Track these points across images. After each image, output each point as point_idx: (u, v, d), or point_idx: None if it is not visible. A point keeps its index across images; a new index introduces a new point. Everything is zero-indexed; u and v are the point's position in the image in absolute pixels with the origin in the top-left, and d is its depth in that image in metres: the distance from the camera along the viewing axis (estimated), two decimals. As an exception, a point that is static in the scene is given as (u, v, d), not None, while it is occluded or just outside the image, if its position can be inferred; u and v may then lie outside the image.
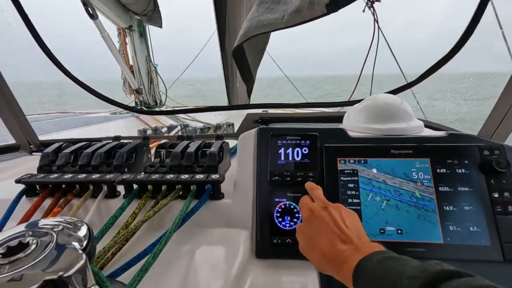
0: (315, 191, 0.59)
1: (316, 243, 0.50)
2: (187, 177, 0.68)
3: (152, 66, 4.18)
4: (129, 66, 4.06)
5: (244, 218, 0.67)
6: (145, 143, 0.96)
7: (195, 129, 2.08)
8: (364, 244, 0.46)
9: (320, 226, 0.51)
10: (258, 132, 0.72)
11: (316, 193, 0.59)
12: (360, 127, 0.75)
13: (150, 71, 4.20)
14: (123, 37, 3.99)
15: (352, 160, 0.67)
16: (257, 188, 0.68)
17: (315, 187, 0.61)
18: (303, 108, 1.11)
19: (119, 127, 2.69)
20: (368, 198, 0.63)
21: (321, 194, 0.58)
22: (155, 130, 1.93)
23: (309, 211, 0.55)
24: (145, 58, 4.17)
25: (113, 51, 3.42)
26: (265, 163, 0.69)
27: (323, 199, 0.56)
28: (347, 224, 0.50)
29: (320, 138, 0.70)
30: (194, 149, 0.82)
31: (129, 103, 4.10)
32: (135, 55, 4.02)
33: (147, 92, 4.24)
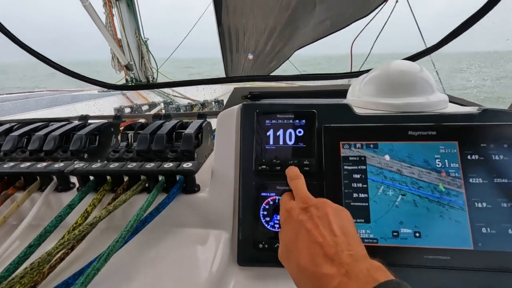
0: (295, 182, 0.47)
1: (293, 256, 0.38)
2: (153, 166, 0.55)
3: (142, 40, 3.93)
4: (117, 40, 3.80)
5: (224, 216, 0.54)
6: (114, 123, 0.81)
7: (178, 107, 1.91)
8: (358, 263, 0.32)
9: (298, 234, 0.38)
10: (241, 109, 0.58)
11: (296, 185, 0.46)
12: (369, 102, 0.61)
13: (140, 46, 3.94)
14: (109, 8, 3.71)
15: (358, 144, 0.53)
16: (240, 180, 0.54)
17: (295, 176, 0.48)
18: (301, 81, 0.95)
19: (100, 105, 2.48)
20: (378, 192, 0.50)
21: (302, 185, 0.46)
22: (134, 108, 1.76)
23: (286, 213, 0.43)
24: (135, 31, 3.91)
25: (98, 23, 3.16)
26: (250, 149, 0.55)
27: (303, 195, 0.43)
28: (334, 228, 0.37)
29: (319, 116, 0.55)
30: (166, 130, 0.68)
31: (119, 80, 3.89)
32: (123, 28, 3.75)
33: (138, 68, 4.02)
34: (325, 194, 0.51)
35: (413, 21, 2.75)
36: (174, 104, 2.14)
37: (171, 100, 2.44)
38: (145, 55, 4.01)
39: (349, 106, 0.56)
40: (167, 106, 2.15)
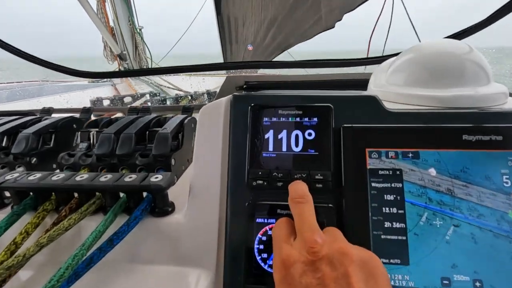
0: (299, 208, 0.31)
1: None
2: (109, 179, 0.40)
3: (136, 29, 3.73)
4: (109, 28, 3.61)
5: (205, 249, 0.40)
6: (79, 118, 0.66)
7: (163, 99, 1.74)
8: None
9: None
10: (231, 101, 0.43)
11: (300, 212, 0.31)
12: (401, 94, 0.46)
13: (134, 34, 3.75)
14: (100, -6, 3.51)
15: (392, 152, 0.38)
16: (228, 199, 0.40)
17: (300, 198, 0.32)
18: (308, 67, 0.80)
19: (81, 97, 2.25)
20: (420, 221, 0.36)
21: (309, 214, 0.31)
22: (115, 100, 1.59)
23: (282, 266, 0.28)
24: (128, 19, 3.71)
25: (88, 9, 2.97)
26: (242, 157, 0.40)
27: (309, 233, 0.28)
28: None
29: (336, 112, 0.40)
30: (137, 128, 0.53)
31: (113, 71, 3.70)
32: (115, 16, 3.56)
33: (131, 58, 3.83)
34: (344, 223, 0.37)
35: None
36: (158, 96, 1.96)
37: (158, 92, 2.26)
38: (139, 44, 3.82)
39: (377, 99, 0.41)
40: (152, 98, 1.98)
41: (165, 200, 0.42)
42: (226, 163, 0.41)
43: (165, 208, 0.42)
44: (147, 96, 1.91)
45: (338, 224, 0.37)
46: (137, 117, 0.59)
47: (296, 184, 0.35)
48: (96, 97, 1.54)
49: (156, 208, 0.42)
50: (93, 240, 0.35)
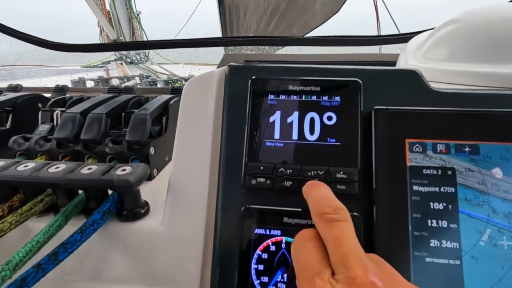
0: (338, 229, 0.21)
1: None
2: (58, 171, 0.30)
3: (134, 14, 3.58)
4: (105, 12, 3.46)
5: (186, 266, 0.30)
6: (46, 97, 0.56)
7: (154, 81, 1.62)
8: None
9: None
10: (226, 74, 0.33)
11: (340, 237, 0.21)
12: (444, 71, 0.36)
13: (131, 19, 3.61)
14: (97, -24, 3.35)
15: (442, 144, 0.28)
16: (219, 202, 0.30)
17: (338, 214, 0.22)
18: (316, 45, 0.68)
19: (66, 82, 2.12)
20: (480, 241, 0.26)
21: (354, 242, 0.21)
22: (99, 81, 1.47)
23: None
24: (125, 3, 3.56)
25: (82, -10, 2.83)
26: (238, 146, 0.30)
27: (363, 277, 0.18)
28: None
29: (366, 90, 0.30)
30: (110, 108, 0.43)
31: (107, 57, 3.56)
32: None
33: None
34: (375, 239, 0.27)
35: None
36: (150, 78, 1.84)
37: (150, 75, 2.14)
38: (137, 30, 3.67)
39: (419, 74, 0.31)
40: (142, 80, 1.85)
41: (136, 199, 0.32)
42: (217, 154, 0.31)
43: (136, 210, 0.32)
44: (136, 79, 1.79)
45: (366, 240, 0.27)
46: (113, 96, 0.49)
47: (318, 187, 0.25)
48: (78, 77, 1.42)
49: (124, 210, 0.32)
50: (25, 255, 0.25)
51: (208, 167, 0.31)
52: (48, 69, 2.88)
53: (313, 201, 0.23)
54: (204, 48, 1.01)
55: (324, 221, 0.21)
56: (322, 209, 0.22)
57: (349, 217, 0.22)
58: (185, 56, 2.89)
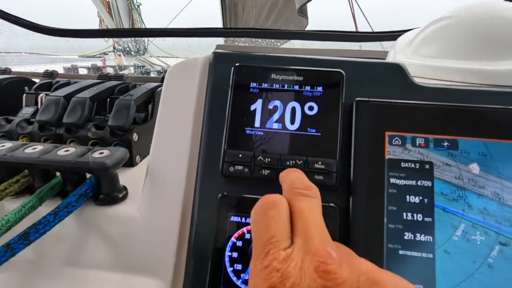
0: (306, 202, 0.20)
1: None
2: (35, 152, 0.30)
3: (134, 5, 3.55)
4: (105, 2, 3.42)
5: (160, 252, 0.30)
6: (32, 81, 0.55)
7: (148, 71, 1.61)
8: None
9: None
10: (210, 60, 0.33)
11: (306, 210, 0.20)
12: (432, 67, 0.35)
13: (131, 11, 3.57)
14: (97, -35, 3.31)
15: (421, 138, 0.28)
16: (196, 188, 0.30)
17: (308, 191, 0.21)
18: (312, 39, 0.68)
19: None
20: (454, 235, 0.26)
21: (318, 217, 0.20)
22: (92, 69, 1.46)
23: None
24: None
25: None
26: (218, 133, 0.30)
27: (320, 247, 0.17)
28: None
29: (348, 82, 0.30)
30: (95, 93, 0.42)
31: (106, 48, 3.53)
32: (112, -11, 3.37)
33: (128, 36, 3.65)
34: (350, 230, 0.27)
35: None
36: (144, 69, 1.83)
37: (144, 65, 2.13)
38: (137, 21, 3.64)
39: (403, 68, 0.31)
40: (137, 69, 1.84)
41: (113, 183, 0.31)
42: (197, 141, 0.31)
43: (114, 194, 0.32)
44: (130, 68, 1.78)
45: (342, 231, 0.27)
46: (101, 82, 0.48)
47: (292, 172, 0.24)
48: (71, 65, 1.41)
49: (101, 194, 0.31)
50: (8, 221, 0.24)
51: (187, 154, 0.31)
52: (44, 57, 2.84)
53: (287, 182, 0.23)
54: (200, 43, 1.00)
55: (293, 194, 0.21)
56: (293, 185, 0.21)
57: (319, 197, 0.21)
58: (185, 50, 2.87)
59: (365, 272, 0.17)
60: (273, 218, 0.19)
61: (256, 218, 0.20)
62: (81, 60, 2.89)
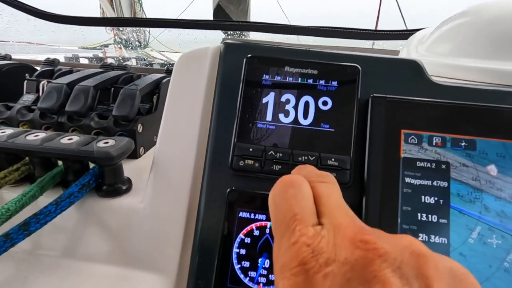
0: (327, 187, 0.18)
1: None
2: (37, 139, 0.28)
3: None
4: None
5: (165, 247, 0.29)
6: (34, 68, 0.54)
7: (150, 63, 1.60)
8: None
9: None
10: (221, 51, 0.31)
11: (329, 193, 0.18)
12: (447, 65, 0.35)
13: (133, 3, 3.54)
14: (100, -44, 3.27)
15: (438, 137, 0.27)
16: (204, 182, 0.29)
17: (326, 178, 0.19)
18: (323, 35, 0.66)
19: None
20: (470, 238, 0.25)
21: (342, 200, 0.18)
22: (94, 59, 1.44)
23: (298, 266, 0.14)
24: (128, -14, 3.48)
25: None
26: (228, 125, 0.29)
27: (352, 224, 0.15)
28: None
29: (364, 77, 0.29)
30: (98, 82, 0.41)
31: (107, 40, 3.49)
32: (114, -19, 3.33)
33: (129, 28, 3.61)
34: (364, 229, 0.26)
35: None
36: (146, 61, 1.81)
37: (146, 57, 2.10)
38: (138, 14, 3.61)
39: (419, 65, 0.30)
40: (138, 63, 1.83)
41: (117, 175, 0.30)
42: (205, 133, 0.30)
43: (117, 185, 0.30)
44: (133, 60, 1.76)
45: (353, 231, 0.26)
46: (104, 70, 0.47)
47: (304, 167, 0.22)
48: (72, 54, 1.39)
49: (105, 185, 0.30)
50: (9, 211, 0.23)
51: (195, 146, 0.30)
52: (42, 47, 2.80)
53: (301, 172, 0.21)
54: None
55: (310, 183, 0.19)
56: (309, 176, 0.19)
57: (337, 183, 0.20)
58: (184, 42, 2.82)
59: (408, 246, 0.14)
60: (294, 197, 0.17)
61: (274, 199, 0.18)
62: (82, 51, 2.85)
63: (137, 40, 3.74)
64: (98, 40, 3.56)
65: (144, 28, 3.73)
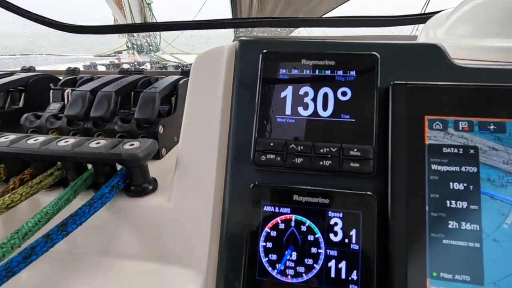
0: None
1: None
2: (68, 144, 0.30)
3: (146, 2, 3.58)
4: (117, 1, 3.47)
5: (193, 242, 0.30)
6: (57, 77, 0.56)
7: (164, 66, 1.62)
8: None
9: None
10: (237, 48, 0.32)
11: None
12: (469, 47, 0.33)
13: (143, 9, 3.61)
14: (109, -36, 3.35)
15: (464, 122, 0.26)
16: (227, 178, 0.29)
17: None
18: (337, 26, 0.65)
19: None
20: (504, 224, 0.24)
21: None
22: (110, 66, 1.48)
23: None
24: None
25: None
26: (248, 121, 0.30)
27: None
28: None
29: (383, 65, 0.29)
30: (119, 87, 0.42)
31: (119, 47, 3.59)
32: (124, -12, 3.41)
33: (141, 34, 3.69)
34: (389, 219, 0.26)
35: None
36: (160, 64, 1.84)
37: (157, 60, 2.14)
38: (149, 19, 3.68)
39: (441, 48, 0.29)
40: (154, 64, 1.86)
41: (144, 175, 0.32)
42: (226, 130, 0.31)
43: (144, 185, 0.32)
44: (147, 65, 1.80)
45: (380, 220, 0.26)
46: (122, 76, 0.48)
47: None
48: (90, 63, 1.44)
49: (132, 186, 0.31)
50: (34, 225, 0.25)
51: (216, 143, 0.30)
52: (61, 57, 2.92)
53: None
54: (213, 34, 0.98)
55: None
56: None
57: None
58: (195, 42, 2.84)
59: None
60: None
61: None
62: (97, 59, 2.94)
63: (150, 44, 3.82)
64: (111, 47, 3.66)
65: (155, 33, 3.80)
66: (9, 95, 0.48)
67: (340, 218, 0.27)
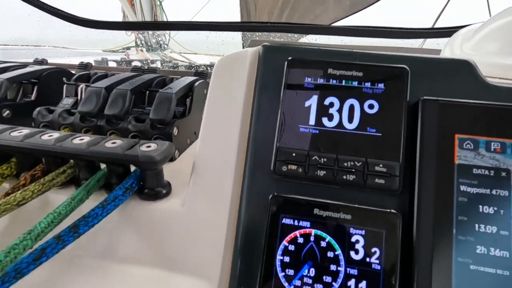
0: None
1: None
2: (82, 142, 0.29)
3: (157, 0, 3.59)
4: None
5: (206, 251, 0.29)
6: (70, 72, 0.55)
7: (175, 66, 1.61)
8: None
9: None
10: (260, 53, 0.31)
11: None
12: (499, 65, 0.32)
13: (154, 6, 3.62)
14: (122, -39, 3.37)
15: (496, 143, 0.25)
16: (244, 187, 0.28)
17: None
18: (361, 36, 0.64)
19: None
20: (536, 252, 0.23)
21: None
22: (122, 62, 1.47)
23: None
24: (149, -11, 3.57)
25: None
26: (269, 129, 0.29)
27: None
28: None
29: (413, 79, 0.28)
30: (135, 86, 0.42)
31: (129, 43, 3.60)
32: (136, -15, 3.42)
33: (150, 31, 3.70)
34: (414, 240, 0.25)
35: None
36: (171, 63, 1.84)
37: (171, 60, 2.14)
38: (159, 17, 3.69)
39: (472, 65, 0.28)
40: (164, 63, 1.86)
41: (158, 178, 0.31)
42: (245, 137, 0.30)
43: (158, 189, 0.31)
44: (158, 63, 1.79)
45: (404, 240, 0.25)
46: (137, 74, 0.48)
47: None
48: (101, 58, 1.44)
49: (146, 188, 0.30)
50: (47, 226, 0.24)
51: (235, 150, 0.30)
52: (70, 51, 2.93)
53: None
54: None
55: None
56: None
57: None
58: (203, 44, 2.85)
59: None
60: None
61: None
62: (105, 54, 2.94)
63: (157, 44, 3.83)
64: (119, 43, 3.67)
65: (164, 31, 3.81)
66: (22, 87, 0.47)
67: (362, 236, 0.25)
